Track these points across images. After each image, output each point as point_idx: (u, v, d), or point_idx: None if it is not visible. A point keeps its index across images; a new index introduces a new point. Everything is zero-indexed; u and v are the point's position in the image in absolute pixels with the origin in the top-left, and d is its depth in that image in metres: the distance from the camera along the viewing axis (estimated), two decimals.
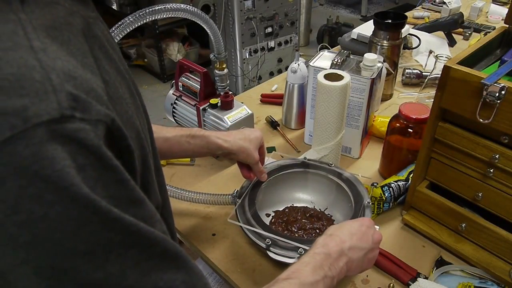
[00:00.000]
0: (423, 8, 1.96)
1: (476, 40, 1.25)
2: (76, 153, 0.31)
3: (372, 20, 1.22)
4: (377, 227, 0.75)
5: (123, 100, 0.40)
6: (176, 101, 1.10)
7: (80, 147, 0.31)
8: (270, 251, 0.71)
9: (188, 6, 0.83)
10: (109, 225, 0.33)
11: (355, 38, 1.45)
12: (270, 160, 0.93)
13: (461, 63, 0.68)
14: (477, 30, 1.71)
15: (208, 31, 0.92)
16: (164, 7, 0.79)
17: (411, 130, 0.90)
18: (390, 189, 0.87)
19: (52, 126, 0.30)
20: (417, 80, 1.35)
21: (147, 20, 0.79)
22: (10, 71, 0.30)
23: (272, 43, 2.86)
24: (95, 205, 0.32)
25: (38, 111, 0.29)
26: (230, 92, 1.02)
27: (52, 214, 0.30)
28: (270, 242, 0.71)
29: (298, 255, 0.69)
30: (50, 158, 0.30)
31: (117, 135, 0.35)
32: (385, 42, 1.18)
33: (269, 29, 2.80)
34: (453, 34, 1.61)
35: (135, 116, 0.42)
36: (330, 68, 0.96)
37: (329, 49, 1.27)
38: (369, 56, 0.96)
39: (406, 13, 1.31)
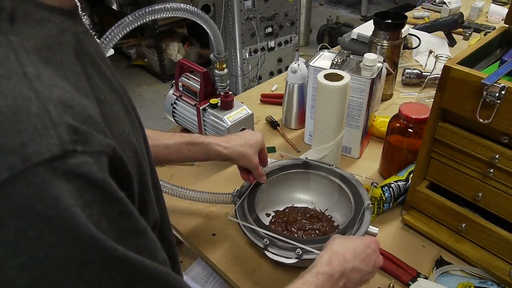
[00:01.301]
0: (423, 8, 1.96)
1: (476, 40, 1.25)
2: (81, 189, 0.30)
3: (372, 20, 1.22)
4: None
5: (119, 118, 0.39)
6: (176, 101, 1.10)
7: (84, 182, 0.30)
8: (268, 250, 0.71)
9: (188, 6, 0.83)
10: (113, 264, 0.32)
11: (355, 38, 1.45)
12: (271, 160, 0.92)
13: (461, 63, 0.68)
14: (477, 30, 1.71)
15: (208, 31, 0.92)
16: (164, 7, 0.79)
17: (411, 130, 0.90)
18: (390, 189, 0.87)
19: (54, 164, 0.28)
20: (417, 80, 1.35)
21: (147, 19, 0.79)
22: (4, 103, 0.28)
23: (272, 43, 2.86)
24: (100, 244, 0.30)
25: (38, 148, 0.28)
26: (230, 92, 1.02)
27: (53, 255, 0.29)
28: (268, 242, 0.71)
29: (296, 256, 0.69)
30: (54, 197, 0.28)
31: (118, 164, 0.34)
32: (385, 42, 1.18)
33: (269, 29, 2.80)
34: (453, 34, 1.61)
35: (132, 133, 0.41)
36: (330, 68, 0.96)
37: (329, 49, 1.27)
38: (369, 56, 0.96)
39: (406, 13, 1.31)
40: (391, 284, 0.75)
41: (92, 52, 0.40)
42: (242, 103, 1.03)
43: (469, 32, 1.66)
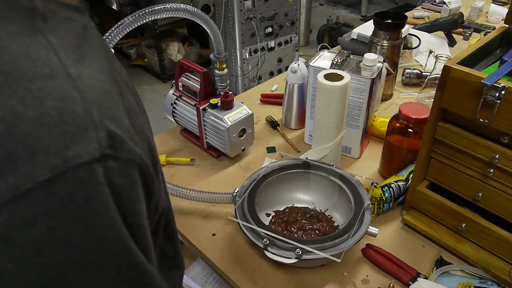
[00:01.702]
0: (423, 8, 1.96)
1: (476, 40, 1.25)
2: (110, 193, 0.30)
3: (372, 20, 1.22)
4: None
5: (133, 110, 0.39)
6: (176, 101, 1.10)
7: (113, 187, 0.31)
8: (268, 250, 0.71)
9: (188, 6, 0.83)
10: (130, 270, 0.32)
11: (355, 38, 1.45)
12: (271, 160, 0.93)
13: (461, 63, 0.68)
14: (477, 30, 1.71)
15: (208, 31, 0.92)
16: (164, 7, 0.79)
17: (411, 130, 0.90)
18: (390, 189, 0.87)
19: (92, 166, 0.29)
20: (417, 80, 1.35)
21: (147, 20, 0.79)
22: (52, 104, 0.29)
23: (272, 43, 2.86)
24: (126, 249, 0.31)
25: (79, 151, 0.29)
26: (230, 92, 1.02)
27: (76, 257, 0.29)
28: (267, 242, 0.71)
29: (296, 256, 0.69)
30: (87, 199, 0.29)
31: (144, 170, 0.35)
32: (385, 42, 1.18)
33: (269, 29, 2.80)
34: (453, 34, 1.61)
35: (144, 124, 0.42)
36: (330, 68, 0.96)
37: (329, 49, 1.27)
38: (369, 56, 0.96)
39: (406, 13, 1.31)
40: (391, 284, 0.75)
41: (106, 46, 0.41)
42: (242, 103, 1.03)
43: (469, 32, 1.66)
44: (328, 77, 0.89)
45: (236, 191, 0.84)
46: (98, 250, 0.30)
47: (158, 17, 0.80)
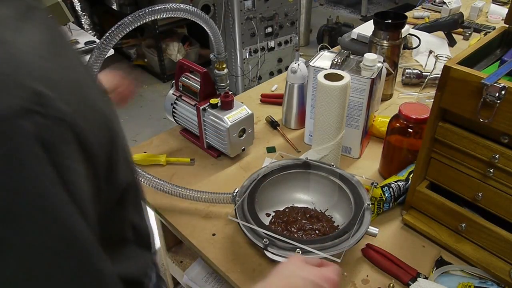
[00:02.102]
0: (423, 8, 1.96)
1: (476, 40, 1.25)
2: (39, 148, 0.31)
3: (372, 20, 1.22)
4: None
5: (85, 82, 0.41)
6: (176, 101, 1.09)
7: (42, 142, 0.31)
8: (268, 250, 0.71)
9: (188, 6, 0.83)
10: (60, 226, 0.33)
11: (355, 38, 1.45)
12: (271, 160, 0.93)
13: (461, 63, 0.68)
14: (477, 30, 1.71)
15: (208, 31, 0.92)
16: (164, 7, 0.79)
17: (411, 130, 0.90)
18: (390, 189, 0.87)
19: (15, 121, 0.30)
20: (417, 80, 1.35)
21: (147, 20, 0.79)
22: None
23: (272, 43, 2.86)
24: (55, 202, 0.32)
25: (0, 106, 0.30)
26: (230, 92, 1.02)
27: None
28: (267, 242, 0.71)
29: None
30: (11, 152, 0.30)
31: (79, 132, 0.35)
32: (385, 42, 1.18)
33: (269, 29, 2.80)
34: (453, 34, 1.61)
35: (99, 97, 0.43)
36: (330, 68, 0.96)
37: (329, 49, 1.27)
38: (369, 56, 0.96)
39: (406, 13, 1.31)
40: (391, 284, 0.75)
41: (54, 26, 0.43)
42: (242, 103, 1.03)
43: (469, 32, 1.66)
44: (328, 77, 0.89)
45: (236, 191, 0.84)
46: (23, 203, 0.31)
47: (158, 17, 0.80)
